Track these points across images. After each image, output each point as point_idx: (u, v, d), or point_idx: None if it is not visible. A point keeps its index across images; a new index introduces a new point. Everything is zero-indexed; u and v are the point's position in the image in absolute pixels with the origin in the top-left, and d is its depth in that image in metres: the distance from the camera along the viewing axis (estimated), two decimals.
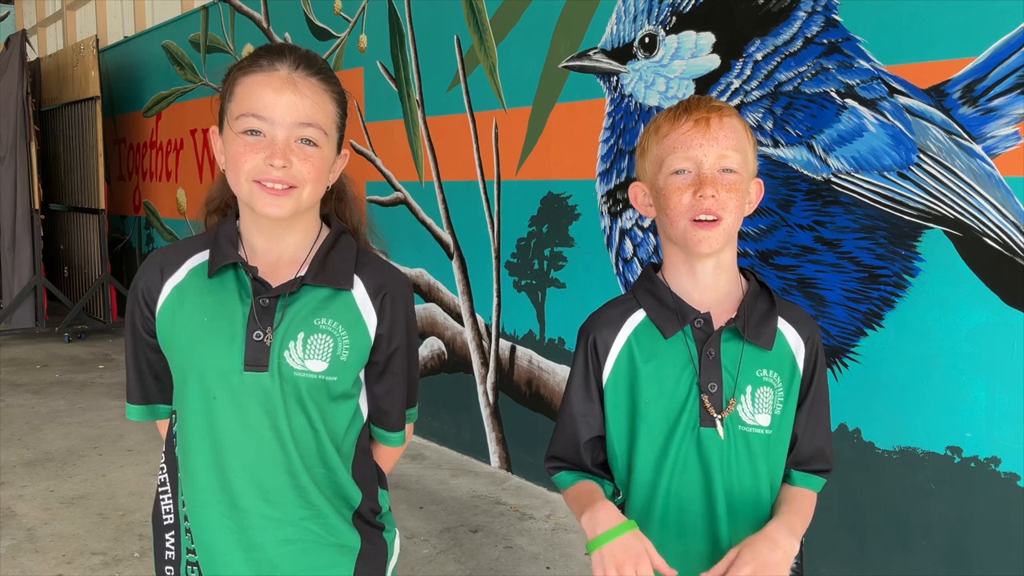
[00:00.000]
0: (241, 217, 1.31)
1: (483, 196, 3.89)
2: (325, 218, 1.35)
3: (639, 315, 1.33)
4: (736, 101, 2.81)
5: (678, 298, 1.31)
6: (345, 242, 1.32)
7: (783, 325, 1.32)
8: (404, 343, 1.34)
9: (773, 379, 1.30)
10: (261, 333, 1.23)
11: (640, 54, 3.13)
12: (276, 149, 1.19)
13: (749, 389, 1.28)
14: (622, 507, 1.34)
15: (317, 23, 5.01)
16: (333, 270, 1.28)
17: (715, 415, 1.27)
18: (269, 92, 1.20)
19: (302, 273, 1.27)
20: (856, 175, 2.52)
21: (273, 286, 1.25)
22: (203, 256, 1.30)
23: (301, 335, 1.25)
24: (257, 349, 1.23)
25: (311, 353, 1.25)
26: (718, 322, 1.30)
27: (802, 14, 2.63)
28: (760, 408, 1.29)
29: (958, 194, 2.32)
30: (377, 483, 1.38)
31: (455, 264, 4.10)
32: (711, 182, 1.23)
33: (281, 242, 1.29)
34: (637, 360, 1.31)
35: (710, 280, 1.31)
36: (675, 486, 1.29)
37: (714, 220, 1.24)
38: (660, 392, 1.29)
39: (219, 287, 1.27)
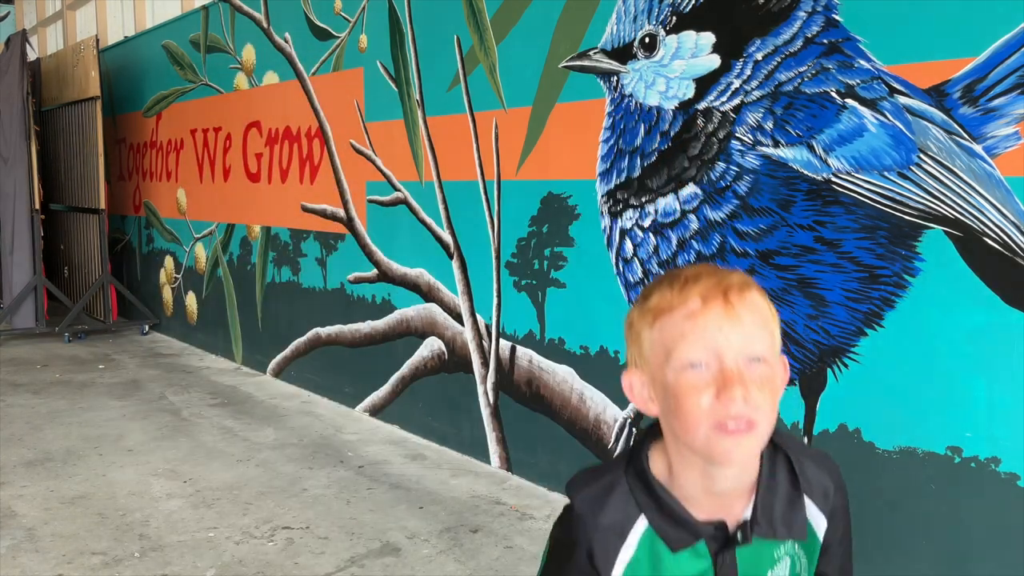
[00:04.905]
0: None
1: (483, 196, 3.89)
2: None
3: (641, 524, 1.08)
4: (736, 101, 2.81)
5: (686, 512, 1.07)
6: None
7: (808, 507, 1.11)
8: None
9: (792, 550, 1.11)
10: None
11: (640, 54, 3.13)
12: None
13: (769, 573, 1.10)
14: None
15: (317, 23, 5.01)
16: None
17: None
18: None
19: None
20: (856, 175, 2.52)
21: None
22: None
23: None
24: None
25: None
26: (732, 522, 1.08)
27: (802, 14, 2.63)
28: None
29: (958, 194, 2.32)
30: None
31: (455, 264, 4.10)
32: (739, 380, 0.98)
33: None
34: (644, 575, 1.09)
35: (730, 486, 1.07)
36: None
37: (746, 426, 0.99)
38: None
39: None
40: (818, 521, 1.12)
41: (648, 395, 1.07)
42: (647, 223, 3.16)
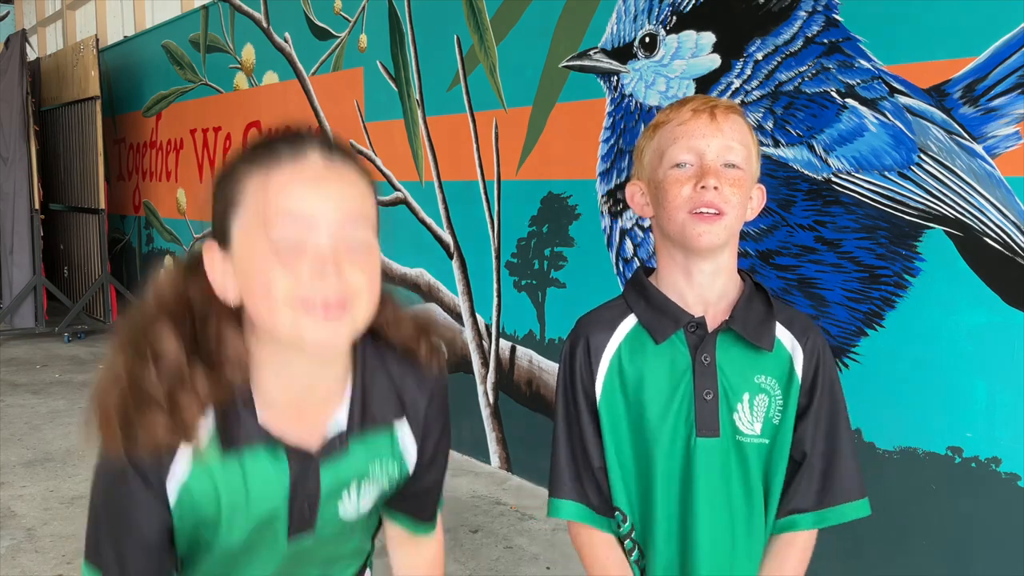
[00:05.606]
0: None
1: (483, 196, 3.89)
2: None
3: (630, 321, 1.26)
4: (736, 101, 2.81)
5: (670, 301, 1.23)
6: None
7: (779, 329, 1.24)
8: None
9: (770, 385, 1.23)
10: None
11: (640, 54, 3.13)
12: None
13: (747, 396, 1.21)
14: (630, 535, 1.27)
15: (317, 23, 5.00)
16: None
17: (711, 424, 1.20)
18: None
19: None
20: (857, 175, 2.52)
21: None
22: None
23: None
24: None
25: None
26: (713, 325, 1.23)
27: (803, 14, 2.63)
28: (757, 416, 1.22)
29: (959, 194, 2.32)
30: None
31: (455, 264, 4.10)
32: (714, 173, 1.16)
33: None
34: (627, 368, 1.23)
35: (707, 283, 1.23)
36: (671, 499, 1.22)
37: (716, 214, 1.16)
38: (653, 401, 1.22)
39: None
40: (792, 346, 1.25)
41: (645, 200, 1.26)
42: (648, 223, 3.16)
